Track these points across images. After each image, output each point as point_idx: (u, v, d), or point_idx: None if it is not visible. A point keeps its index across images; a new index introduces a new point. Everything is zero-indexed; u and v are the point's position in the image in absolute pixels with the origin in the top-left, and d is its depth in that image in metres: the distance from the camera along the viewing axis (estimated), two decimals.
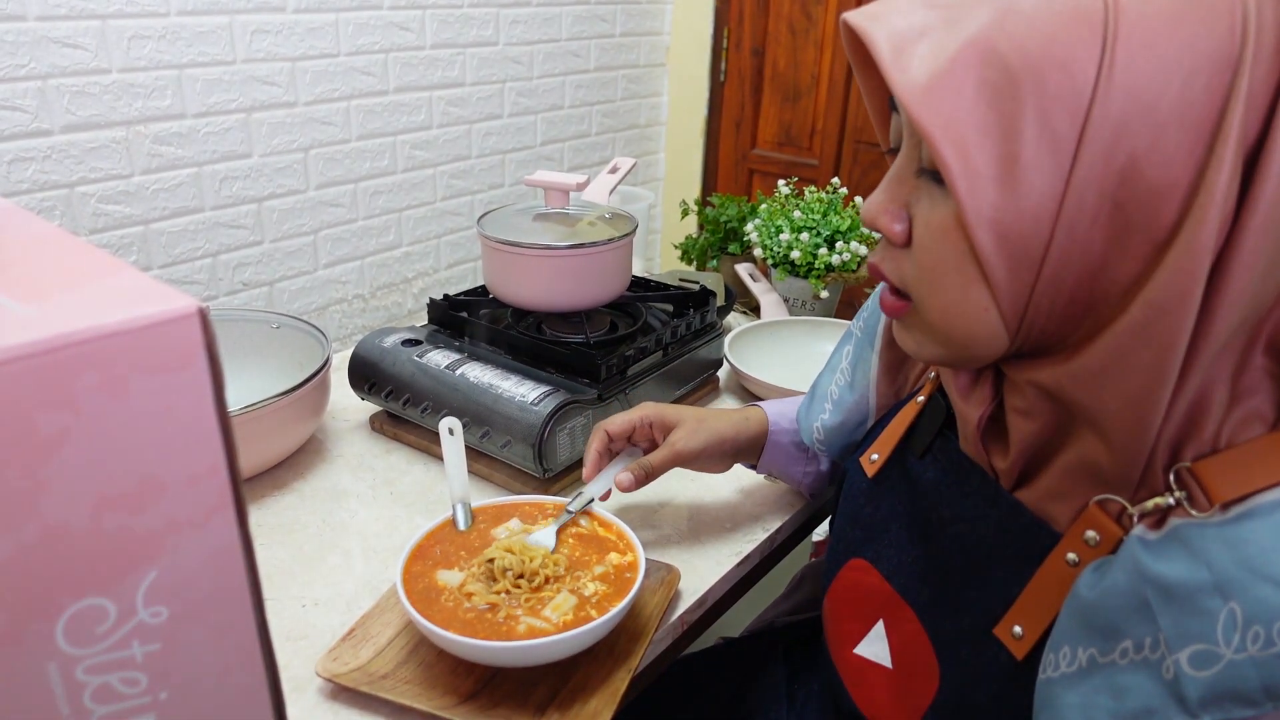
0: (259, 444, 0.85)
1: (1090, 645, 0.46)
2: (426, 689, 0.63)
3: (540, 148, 2.25)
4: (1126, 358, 0.45)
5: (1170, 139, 0.41)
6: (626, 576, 0.69)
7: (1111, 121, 0.42)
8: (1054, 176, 0.43)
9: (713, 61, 2.52)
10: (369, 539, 0.81)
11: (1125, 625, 0.44)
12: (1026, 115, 0.43)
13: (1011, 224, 0.44)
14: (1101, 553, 0.48)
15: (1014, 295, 0.47)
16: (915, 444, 0.63)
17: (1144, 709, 0.43)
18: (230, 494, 0.34)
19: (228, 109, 1.60)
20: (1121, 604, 0.45)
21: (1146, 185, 0.42)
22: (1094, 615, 0.46)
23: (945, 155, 0.44)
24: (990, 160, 0.44)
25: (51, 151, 1.40)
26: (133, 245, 1.54)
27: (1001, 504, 0.55)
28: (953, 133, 0.44)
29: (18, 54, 1.33)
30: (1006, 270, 0.46)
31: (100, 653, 0.33)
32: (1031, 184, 0.43)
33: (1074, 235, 0.44)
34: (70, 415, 0.29)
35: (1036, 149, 0.43)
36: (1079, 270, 0.45)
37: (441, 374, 0.91)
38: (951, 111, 0.44)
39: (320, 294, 1.87)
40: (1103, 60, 0.42)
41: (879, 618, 0.62)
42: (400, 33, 1.84)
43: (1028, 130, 0.43)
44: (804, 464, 0.85)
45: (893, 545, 0.63)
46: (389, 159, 1.90)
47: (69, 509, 0.30)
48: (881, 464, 0.66)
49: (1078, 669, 0.46)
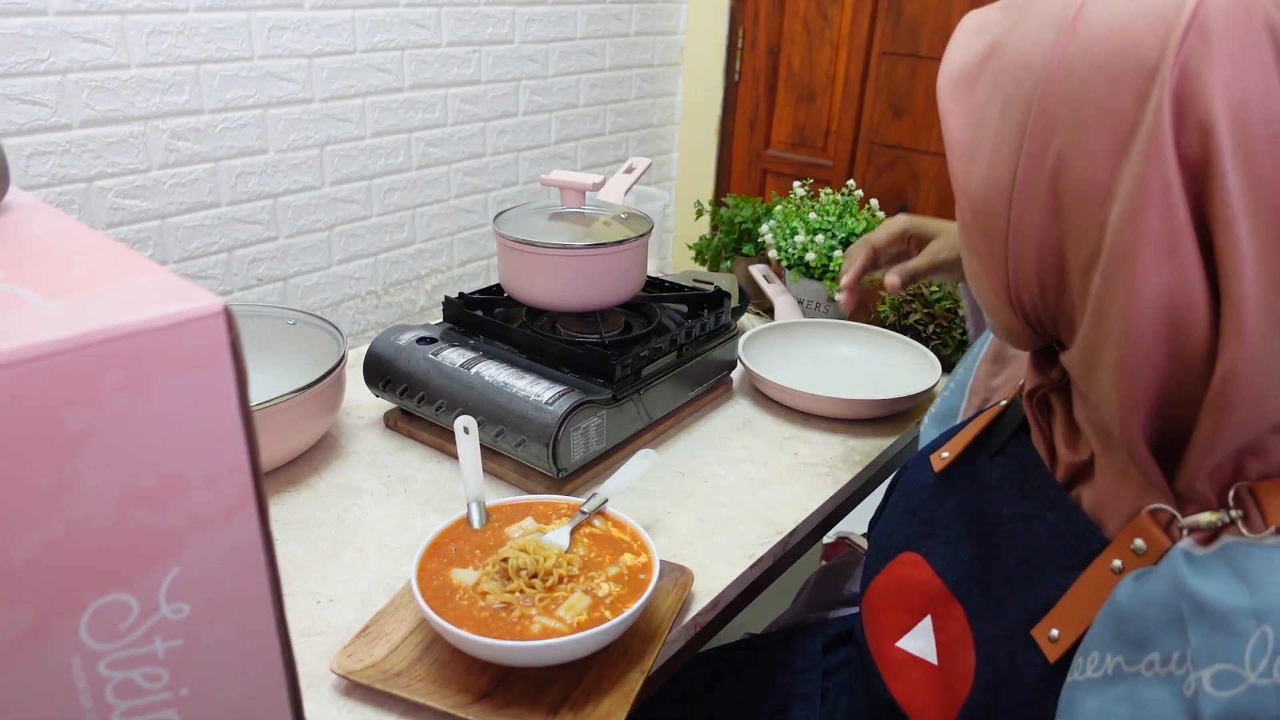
0: (274, 440, 0.85)
1: (1119, 653, 0.46)
2: (440, 687, 0.63)
3: (554, 146, 2.25)
4: (1094, 357, 0.47)
5: (1094, 139, 0.44)
6: (640, 578, 0.69)
7: (1048, 115, 0.46)
8: (1010, 160, 0.48)
9: (727, 61, 2.52)
10: (383, 536, 0.81)
11: (1156, 637, 0.44)
12: (999, 102, 0.49)
13: (980, 198, 0.50)
14: (1147, 562, 0.48)
15: (995, 267, 0.52)
16: (990, 443, 0.64)
17: None
18: (252, 492, 0.35)
19: (244, 105, 1.61)
20: (1155, 615, 0.44)
21: (1076, 182, 0.46)
22: (1127, 624, 0.46)
23: (947, 133, 0.51)
24: (973, 140, 0.50)
25: (70, 145, 1.41)
26: (149, 239, 1.55)
27: (1059, 506, 0.55)
28: (959, 116, 0.51)
29: (38, 48, 1.34)
30: (982, 240, 0.52)
31: (123, 648, 0.33)
32: (995, 164, 0.49)
33: (1026, 217, 0.48)
34: (95, 412, 0.29)
35: (1000, 134, 0.49)
36: (1040, 252, 0.49)
37: (456, 372, 0.91)
38: (964, 98, 0.51)
39: (334, 290, 1.88)
40: (1053, 59, 0.46)
41: (927, 613, 0.62)
42: (416, 30, 1.84)
43: (997, 117, 0.49)
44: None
45: (949, 542, 0.63)
46: (403, 156, 1.91)
47: (93, 505, 0.30)
48: (950, 461, 0.66)
49: (1103, 675, 0.46)
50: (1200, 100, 0.41)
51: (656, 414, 0.97)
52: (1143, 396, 0.45)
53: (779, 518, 0.87)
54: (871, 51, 2.23)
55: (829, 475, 0.94)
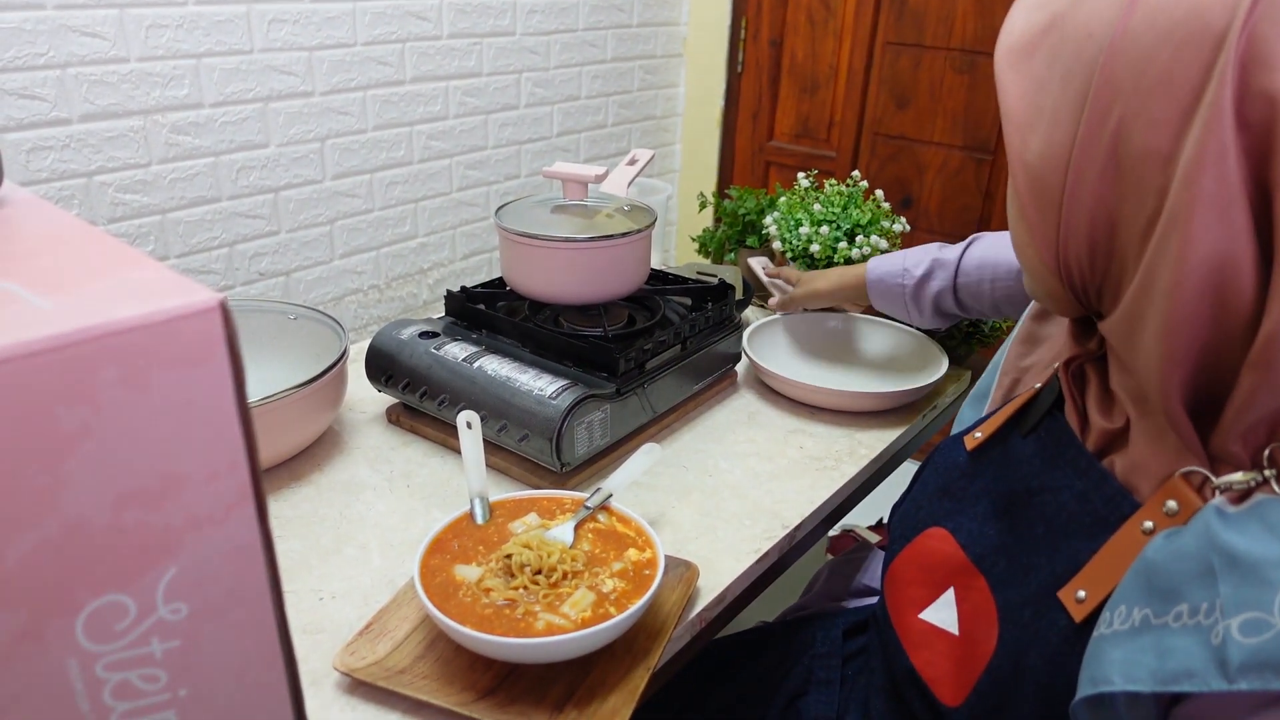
0: (276, 436, 0.85)
1: (1147, 606, 0.47)
2: (444, 684, 0.63)
3: (556, 138, 2.24)
4: (1139, 319, 0.48)
5: (1156, 105, 0.45)
6: (645, 573, 0.68)
7: (1110, 83, 0.47)
8: (1069, 129, 0.49)
9: (730, 52, 2.51)
10: (386, 532, 0.81)
11: (1185, 589, 0.45)
12: (1060, 72, 0.49)
13: (1036, 166, 0.51)
14: (1178, 523, 0.49)
15: (1045, 238, 0.53)
16: (1024, 422, 0.65)
17: (1184, 670, 0.43)
18: (250, 490, 0.34)
19: (245, 98, 1.60)
20: (1186, 568, 0.45)
21: (1136, 148, 0.46)
22: (1156, 577, 0.47)
23: (1005, 103, 0.52)
24: (1031, 110, 0.51)
25: (70, 140, 1.41)
26: (150, 234, 1.55)
27: (1090, 473, 0.56)
28: (1017, 86, 0.52)
29: (37, 42, 1.33)
30: (1035, 209, 0.52)
31: (120, 649, 0.32)
32: (1054, 134, 0.50)
33: (1083, 185, 0.49)
34: (91, 410, 0.29)
35: (1060, 103, 0.49)
36: (1093, 220, 0.50)
37: (459, 366, 0.90)
38: (1023, 67, 0.51)
39: (336, 284, 1.87)
40: (1116, 28, 0.46)
41: (950, 585, 0.63)
42: (417, 22, 1.83)
43: (1056, 85, 0.49)
44: (901, 301, 1.04)
45: (976, 518, 0.64)
46: (405, 149, 1.90)
47: (89, 505, 0.30)
48: (983, 440, 0.67)
49: (1130, 628, 0.47)
50: (1267, 67, 0.41)
51: (661, 408, 0.96)
52: (1184, 355, 0.47)
53: (784, 511, 0.86)
54: (875, 42, 2.21)
55: (834, 469, 0.94)
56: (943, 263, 1.01)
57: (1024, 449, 0.63)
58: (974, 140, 1.98)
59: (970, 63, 1.96)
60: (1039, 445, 0.62)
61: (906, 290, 1.03)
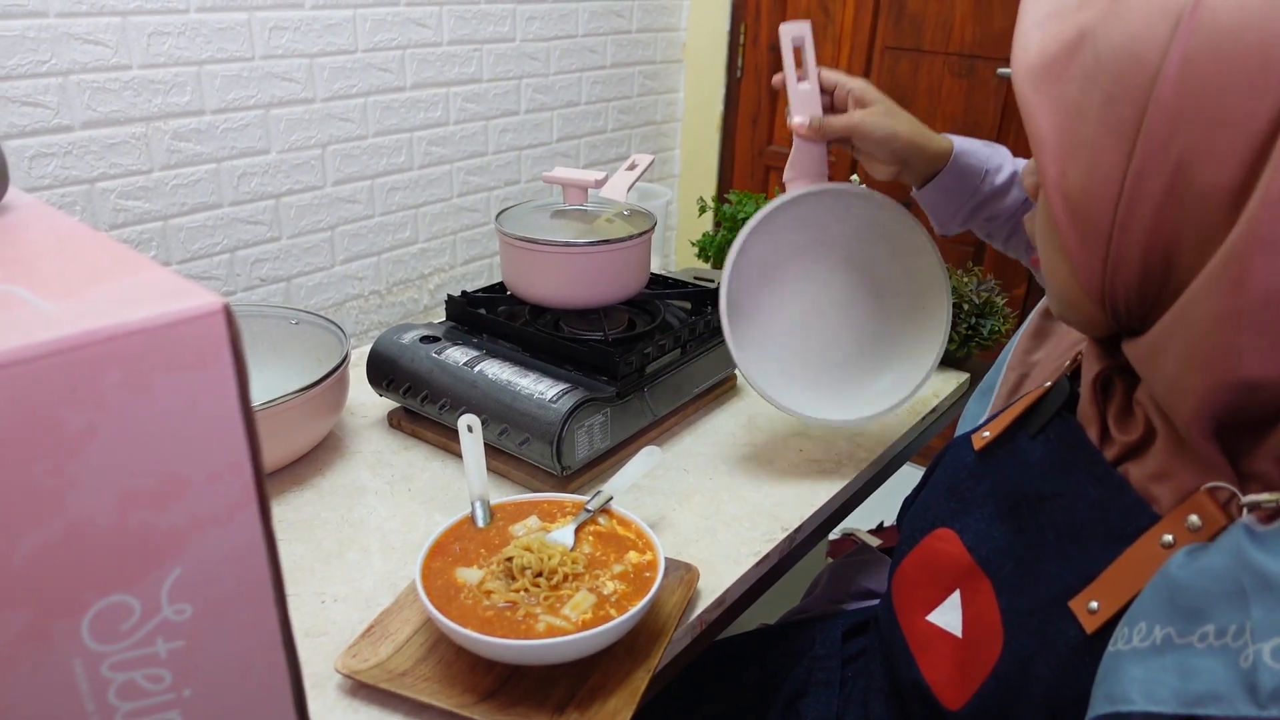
0: (278, 440, 0.85)
1: (1170, 624, 0.45)
2: (445, 686, 0.63)
3: (556, 144, 2.25)
4: (1167, 343, 0.47)
5: (1224, 140, 0.42)
6: (646, 575, 0.69)
7: (1169, 114, 0.44)
8: (1117, 160, 0.46)
9: (729, 57, 2.51)
10: (387, 535, 0.81)
11: (1212, 609, 0.44)
12: (1100, 99, 0.46)
13: (1079, 199, 0.48)
14: (1200, 538, 0.48)
15: (1088, 268, 0.50)
16: (1032, 422, 0.64)
17: (1209, 693, 0.42)
18: (254, 491, 0.34)
19: (246, 105, 1.61)
20: (1213, 588, 0.44)
21: (1203, 184, 0.44)
22: (1181, 595, 0.45)
23: (1037, 133, 0.49)
24: (1068, 138, 0.48)
25: (72, 147, 1.41)
26: (152, 240, 1.55)
27: (1106, 482, 0.55)
28: (1046, 111, 0.48)
29: (39, 50, 1.34)
30: (1078, 242, 0.49)
31: (125, 649, 0.32)
32: (1098, 165, 0.47)
33: (1137, 218, 0.46)
34: (96, 412, 0.29)
35: (1102, 131, 0.46)
36: (1148, 251, 0.47)
37: (460, 371, 0.91)
38: (1050, 91, 0.48)
39: (337, 290, 1.88)
40: (1172, 54, 0.43)
41: (956, 587, 0.63)
42: (417, 29, 1.84)
43: (1099, 113, 0.46)
44: (963, 205, 0.89)
45: (983, 519, 0.63)
46: (405, 155, 1.91)
47: (94, 505, 0.30)
48: (991, 440, 0.66)
49: (1150, 645, 0.46)
50: None
51: (661, 411, 0.97)
52: (1221, 384, 0.46)
53: (784, 514, 0.87)
54: (874, 47, 2.22)
55: (834, 471, 0.94)
56: (1019, 181, 0.90)
57: (1033, 450, 0.62)
58: None
59: (968, 67, 1.96)
60: (1049, 448, 0.61)
61: (979, 194, 0.88)
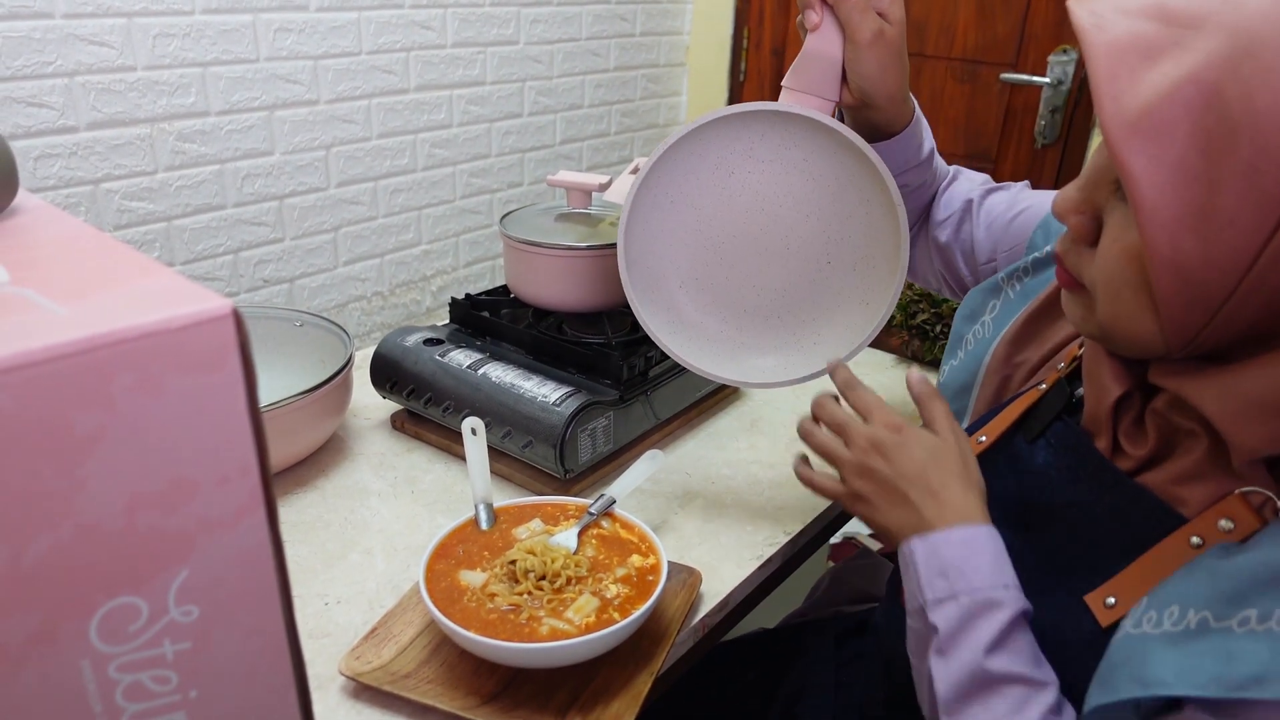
0: (282, 442, 0.85)
1: (1205, 609, 0.45)
2: (448, 689, 0.63)
3: (559, 147, 2.25)
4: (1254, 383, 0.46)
5: None
6: (649, 579, 0.69)
7: None
8: (1253, 234, 0.42)
9: (732, 62, 2.52)
10: (391, 537, 0.81)
11: (1254, 595, 0.44)
12: (1237, 169, 0.41)
13: (1196, 271, 0.44)
14: (1233, 539, 0.48)
15: (1183, 328, 0.47)
16: (1030, 428, 0.63)
17: (1254, 677, 0.42)
18: (261, 494, 0.35)
19: (251, 107, 1.61)
20: (1257, 574, 0.44)
21: None
22: (1220, 581, 0.45)
23: (1141, 197, 0.43)
24: (1188, 208, 0.43)
25: (77, 148, 1.41)
26: (155, 241, 1.55)
27: (1121, 489, 0.55)
28: (1154, 175, 0.43)
29: (45, 51, 1.34)
30: (1182, 309, 0.46)
31: (132, 651, 0.33)
32: (1226, 238, 0.42)
33: (1262, 290, 0.43)
34: (106, 415, 0.29)
35: (1239, 204, 0.42)
36: (1257, 314, 0.45)
37: (463, 373, 0.91)
38: (1157, 152, 0.43)
39: (340, 291, 1.88)
40: None
41: None
42: (422, 31, 1.84)
43: (1235, 184, 0.41)
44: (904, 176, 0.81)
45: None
46: (409, 157, 1.91)
47: (103, 508, 0.30)
48: (987, 446, 0.66)
49: (1184, 629, 0.46)
50: None
51: (664, 415, 0.97)
52: None
53: (786, 518, 0.87)
54: None
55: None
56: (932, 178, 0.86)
57: (1035, 457, 0.62)
58: (975, 149, 1.99)
59: (971, 73, 1.96)
60: (1053, 456, 0.60)
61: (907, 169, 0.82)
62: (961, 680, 0.53)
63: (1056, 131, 1.80)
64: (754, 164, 0.79)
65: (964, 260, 0.84)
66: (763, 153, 0.78)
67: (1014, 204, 0.80)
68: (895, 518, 0.61)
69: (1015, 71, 1.83)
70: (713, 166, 0.79)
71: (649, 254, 0.81)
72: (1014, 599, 0.54)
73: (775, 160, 0.78)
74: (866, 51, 0.72)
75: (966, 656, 0.53)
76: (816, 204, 0.79)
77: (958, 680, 0.53)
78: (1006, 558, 0.57)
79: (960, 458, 0.61)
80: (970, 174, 0.88)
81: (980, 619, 0.54)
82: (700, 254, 0.82)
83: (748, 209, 0.80)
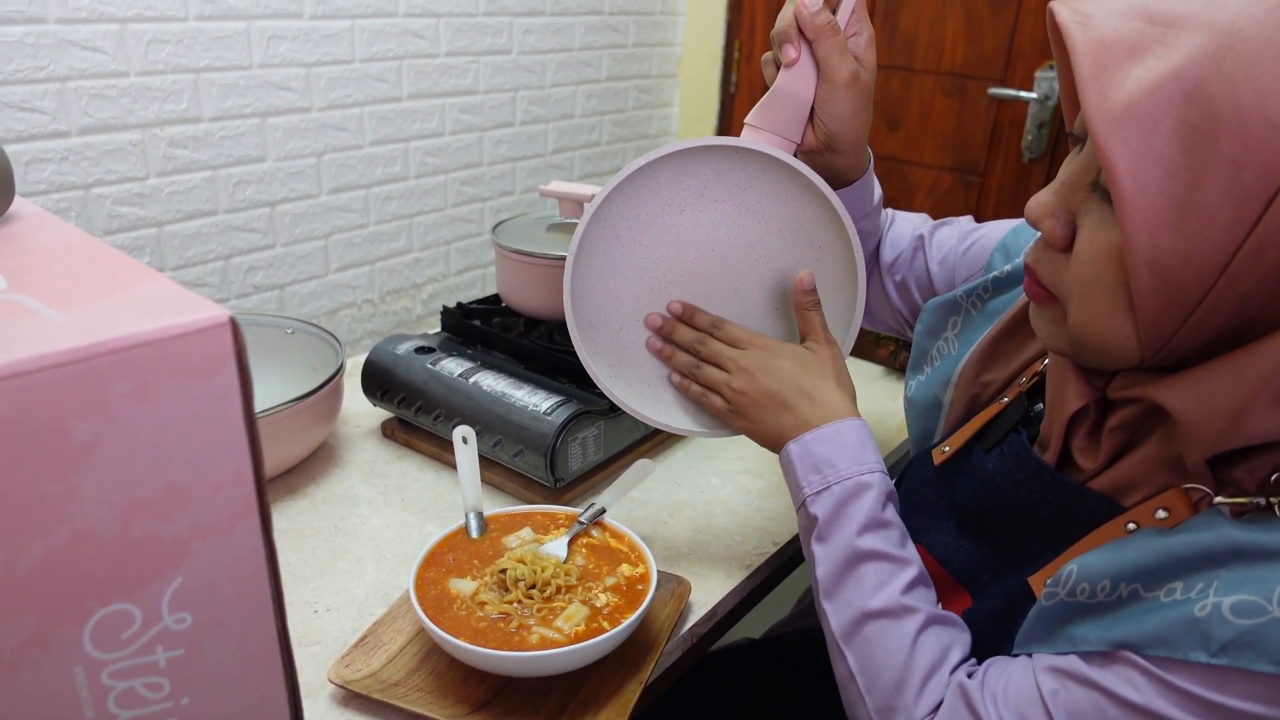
0: (272, 449, 0.85)
1: (1135, 582, 0.47)
2: (438, 697, 0.63)
3: (551, 156, 2.26)
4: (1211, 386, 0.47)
5: None
6: (638, 588, 0.69)
7: None
8: (1231, 231, 0.42)
9: (724, 73, 2.53)
10: (380, 545, 0.81)
11: (1182, 573, 0.46)
12: (1218, 164, 0.41)
13: (1174, 269, 0.44)
14: (1166, 525, 0.50)
15: (1158, 330, 0.47)
16: (988, 439, 0.65)
17: (1159, 636, 0.45)
18: (255, 502, 0.35)
19: (243, 113, 1.61)
20: (1188, 554, 0.46)
21: None
22: (1152, 558, 0.47)
23: (1123, 191, 0.43)
24: (1169, 203, 0.43)
25: (69, 153, 1.41)
26: (146, 247, 1.55)
27: (1062, 489, 0.57)
28: (1137, 170, 0.43)
29: (38, 56, 1.34)
30: (1158, 309, 0.46)
31: (126, 657, 0.33)
32: (1205, 234, 0.43)
33: (1237, 289, 0.44)
34: (102, 422, 0.30)
35: (1219, 201, 0.42)
36: (1231, 317, 0.45)
37: (454, 382, 0.91)
38: (1141, 147, 0.43)
39: (330, 298, 1.88)
40: None
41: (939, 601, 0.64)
42: (414, 40, 1.85)
43: (1216, 180, 0.42)
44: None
45: (950, 533, 0.66)
46: (401, 165, 1.91)
47: (99, 514, 0.31)
48: (950, 455, 0.68)
49: (1116, 598, 0.48)
50: None
51: None
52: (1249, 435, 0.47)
53: (775, 528, 0.87)
54: None
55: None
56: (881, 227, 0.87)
57: (985, 464, 0.64)
58: (963, 162, 2.01)
59: (960, 86, 1.98)
60: (1002, 463, 0.63)
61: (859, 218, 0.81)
62: (836, 560, 0.61)
63: (1043, 146, 1.81)
64: (706, 203, 0.76)
65: (920, 295, 0.84)
66: (717, 191, 0.75)
67: (964, 236, 0.81)
68: (774, 424, 0.69)
69: (1003, 86, 1.85)
70: (664, 203, 0.76)
71: (594, 290, 0.77)
72: (879, 481, 0.63)
73: (728, 200, 0.76)
74: (842, 92, 0.71)
75: (841, 537, 0.61)
76: (767, 247, 0.77)
77: (835, 560, 0.61)
78: (873, 443, 0.65)
79: (831, 362, 0.70)
80: (907, 214, 0.89)
81: (852, 503, 0.62)
82: (645, 293, 0.78)
83: (697, 249, 0.77)
